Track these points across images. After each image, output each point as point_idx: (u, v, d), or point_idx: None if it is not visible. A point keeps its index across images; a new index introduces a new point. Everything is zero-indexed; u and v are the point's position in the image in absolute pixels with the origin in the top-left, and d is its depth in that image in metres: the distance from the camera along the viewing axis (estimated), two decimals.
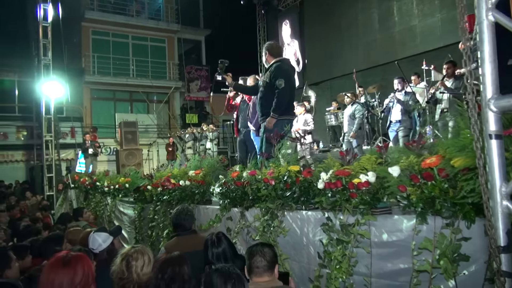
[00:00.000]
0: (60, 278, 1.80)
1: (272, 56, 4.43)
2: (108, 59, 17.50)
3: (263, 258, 2.22)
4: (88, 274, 1.88)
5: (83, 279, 1.83)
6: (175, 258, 2.28)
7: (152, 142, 16.65)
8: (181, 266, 2.22)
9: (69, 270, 1.83)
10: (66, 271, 1.82)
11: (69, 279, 1.80)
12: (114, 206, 7.10)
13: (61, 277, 1.80)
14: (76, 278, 1.81)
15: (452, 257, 1.93)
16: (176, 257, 2.29)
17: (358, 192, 2.49)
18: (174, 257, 2.28)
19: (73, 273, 1.82)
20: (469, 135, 1.75)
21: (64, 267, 1.83)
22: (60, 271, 1.82)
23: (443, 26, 10.23)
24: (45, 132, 12.08)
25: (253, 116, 5.01)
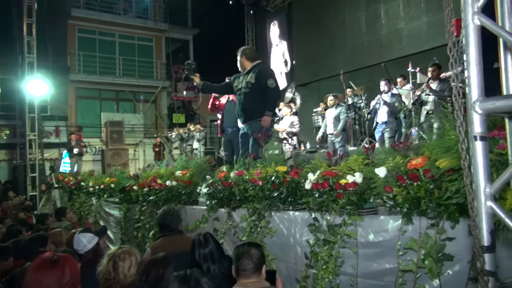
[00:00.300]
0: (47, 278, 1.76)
1: (249, 60, 4.52)
2: (94, 57, 17.28)
3: (250, 261, 2.21)
4: (75, 275, 1.85)
5: (71, 280, 1.80)
6: (159, 259, 2.25)
7: (138, 142, 16.50)
8: (166, 267, 2.20)
9: (57, 270, 1.79)
10: (54, 271, 1.78)
11: (57, 279, 1.76)
12: (99, 206, 7.01)
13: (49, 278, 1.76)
14: (64, 278, 1.78)
15: (437, 257, 1.95)
16: (160, 258, 2.27)
17: (345, 192, 2.51)
18: (158, 259, 2.25)
19: (61, 274, 1.79)
20: (454, 136, 1.78)
21: (51, 268, 1.80)
22: (47, 271, 1.78)
23: (429, 29, 10.38)
24: (29, 131, 11.88)
25: None
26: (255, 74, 4.39)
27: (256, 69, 4.44)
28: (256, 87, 4.36)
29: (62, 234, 3.63)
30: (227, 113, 5.32)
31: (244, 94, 4.44)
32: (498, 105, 1.23)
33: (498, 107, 1.23)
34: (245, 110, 4.47)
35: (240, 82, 4.54)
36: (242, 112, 4.51)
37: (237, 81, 4.60)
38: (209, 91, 5.02)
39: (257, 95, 4.35)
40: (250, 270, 2.20)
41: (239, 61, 4.58)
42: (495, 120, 1.80)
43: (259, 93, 4.35)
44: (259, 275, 2.23)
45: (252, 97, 4.38)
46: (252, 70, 4.46)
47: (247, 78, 4.44)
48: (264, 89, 4.31)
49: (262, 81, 4.32)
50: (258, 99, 4.34)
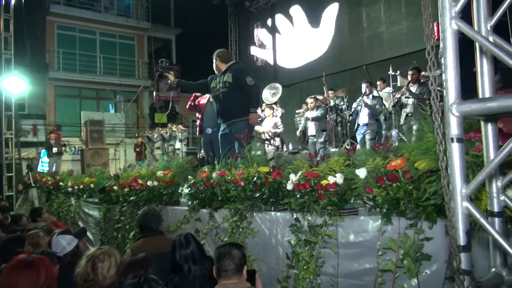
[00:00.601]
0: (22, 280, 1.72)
1: (223, 62, 4.60)
2: (74, 55, 16.96)
3: (231, 261, 2.21)
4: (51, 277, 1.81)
5: (46, 282, 1.76)
6: (139, 261, 2.23)
7: (119, 142, 16.24)
8: (146, 269, 2.18)
9: (32, 272, 1.75)
10: (28, 273, 1.75)
11: (32, 281, 1.73)
12: (79, 207, 6.88)
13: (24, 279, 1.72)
14: (39, 280, 1.74)
15: (415, 257, 1.99)
16: (140, 260, 2.24)
17: (326, 193, 2.53)
18: (138, 260, 2.23)
19: (36, 275, 1.75)
20: (433, 138, 1.82)
21: (26, 269, 1.76)
22: (22, 273, 1.75)
23: (409, 34, 10.58)
24: (5, 130, 11.55)
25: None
26: (232, 74, 4.44)
27: (232, 68, 4.51)
28: (235, 85, 4.40)
29: (39, 235, 3.54)
30: (207, 114, 5.32)
31: (223, 94, 4.47)
32: (474, 108, 1.26)
33: (474, 109, 1.27)
34: (224, 110, 4.49)
35: (217, 82, 4.56)
36: (222, 112, 4.53)
37: (214, 82, 4.63)
38: (184, 89, 5.01)
39: (236, 94, 4.40)
40: (231, 271, 2.20)
41: (215, 64, 4.65)
42: (471, 123, 1.85)
43: (238, 91, 4.39)
44: (240, 276, 2.23)
45: (231, 96, 4.41)
46: (228, 70, 4.50)
47: (224, 78, 4.48)
48: (244, 87, 4.37)
49: (241, 79, 4.38)
50: (237, 98, 4.39)
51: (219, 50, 4.74)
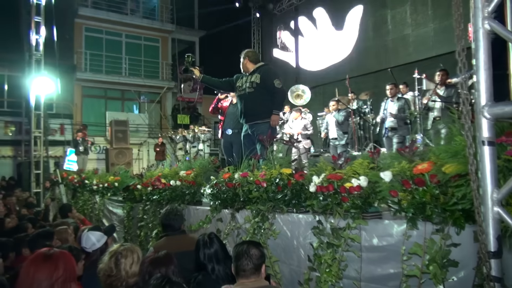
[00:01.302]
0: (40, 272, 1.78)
1: (252, 62, 4.60)
2: (101, 56, 17.38)
3: (250, 261, 2.19)
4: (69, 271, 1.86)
5: (63, 275, 1.81)
6: (161, 258, 2.24)
7: (142, 142, 16.53)
8: (168, 266, 2.20)
9: (51, 265, 1.81)
10: (47, 266, 1.81)
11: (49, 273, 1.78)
12: (103, 205, 7.04)
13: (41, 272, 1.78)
14: (56, 273, 1.79)
15: (442, 263, 1.95)
16: (162, 257, 2.26)
17: (349, 196, 2.50)
18: (160, 258, 2.24)
19: (55, 268, 1.81)
20: (462, 141, 1.78)
21: (45, 262, 1.82)
22: (40, 265, 1.81)
23: (436, 36, 10.37)
24: (34, 128, 11.91)
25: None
26: (260, 75, 4.46)
27: (261, 70, 4.52)
28: (262, 87, 4.42)
29: (67, 231, 3.64)
30: (229, 116, 5.35)
31: (249, 93, 4.48)
32: (506, 110, 1.23)
33: (507, 112, 1.23)
34: (249, 110, 4.50)
35: (243, 82, 4.57)
36: (246, 112, 4.53)
37: (240, 81, 4.63)
38: (208, 85, 5.02)
39: (262, 95, 4.42)
40: (249, 271, 2.19)
41: (242, 63, 4.65)
42: (502, 126, 1.79)
43: (264, 93, 4.42)
44: (258, 275, 2.23)
45: (257, 97, 4.43)
46: (256, 71, 4.52)
47: (252, 78, 4.49)
48: (271, 89, 4.40)
49: (268, 82, 4.40)
50: (263, 99, 4.41)
51: (249, 50, 4.75)
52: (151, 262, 2.20)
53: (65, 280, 1.84)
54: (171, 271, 2.17)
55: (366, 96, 9.17)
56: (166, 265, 2.20)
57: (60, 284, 1.79)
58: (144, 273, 2.15)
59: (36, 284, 1.76)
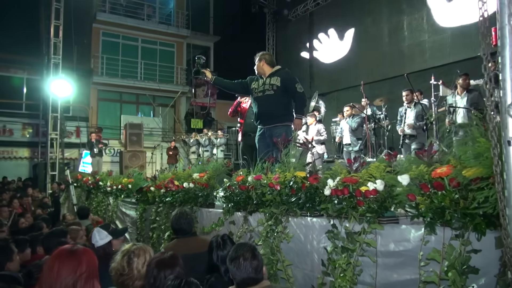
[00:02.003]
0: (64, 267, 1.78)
1: (269, 65, 4.55)
2: (117, 60, 17.62)
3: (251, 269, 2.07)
4: (92, 267, 1.86)
5: (87, 271, 1.81)
6: (166, 260, 2.19)
7: (156, 145, 16.66)
8: (173, 268, 2.15)
9: (75, 261, 1.81)
10: (70, 261, 1.80)
11: (73, 269, 1.78)
12: (116, 206, 7.08)
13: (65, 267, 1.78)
14: (80, 269, 1.79)
15: (461, 269, 1.88)
16: (168, 259, 2.20)
17: (365, 200, 2.46)
18: (165, 260, 2.19)
19: (78, 264, 1.80)
20: (484, 143, 1.73)
21: (69, 257, 1.82)
22: (65, 260, 1.81)
23: (453, 43, 10.24)
24: (51, 130, 12.14)
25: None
26: (280, 78, 4.40)
27: (280, 73, 4.47)
28: (282, 90, 4.38)
29: (80, 231, 3.66)
30: (249, 119, 5.30)
31: (268, 96, 4.42)
32: None
33: None
34: (267, 113, 4.43)
35: (260, 84, 4.51)
36: (264, 114, 4.47)
37: (256, 83, 4.56)
38: (220, 87, 4.96)
39: (282, 98, 4.38)
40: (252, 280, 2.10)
41: (258, 65, 4.59)
42: None
43: (284, 96, 4.38)
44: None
45: (276, 100, 4.38)
46: (275, 74, 4.46)
47: (271, 81, 4.43)
48: (292, 93, 4.38)
49: (290, 86, 4.38)
50: (282, 103, 4.38)
51: (265, 52, 4.70)
52: (156, 264, 2.16)
53: (88, 276, 1.84)
54: (176, 273, 2.12)
55: (381, 102, 9.07)
56: (171, 267, 2.15)
57: (84, 280, 1.79)
58: (149, 276, 2.12)
59: (60, 280, 1.76)
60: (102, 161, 12.07)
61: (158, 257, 2.24)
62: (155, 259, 2.21)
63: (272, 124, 4.40)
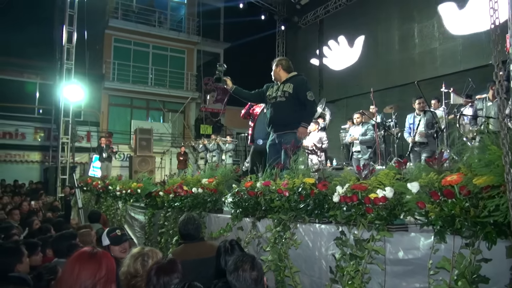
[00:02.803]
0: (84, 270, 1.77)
1: (285, 70, 4.51)
2: (128, 66, 17.82)
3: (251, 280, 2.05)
4: (111, 271, 1.85)
5: (106, 275, 1.80)
6: (164, 266, 2.16)
7: (165, 151, 16.78)
8: (171, 275, 2.12)
9: (95, 264, 1.80)
10: (91, 264, 1.79)
11: (93, 272, 1.77)
12: (125, 210, 7.13)
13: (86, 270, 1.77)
14: (100, 272, 1.78)
15: (471, 278, 1.86)
16: (165, 265, 2.17)
17: (374, 207, 2.44)
18: (163, 266, 2.16)
19: (98, 267, 1.79)
20: (496, 151, 1.71)
21: (89, 260, 1.81)
22: (85, 263, 1.80)
23: (464, 50, 10.18)
24: (62, 134, 12.28)
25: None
26: (293, 85, 4.36)
27: (294, 80, 4.43)
28: (294, 97, 4.34)
29: (90, 234, 3.69)
30: (260, 124, 5.28)
31: (279, 103, 4.40)
32: None
33: None
34: (278, 119, 4.41)
35: (274, 91, 4.49)
36: (275, 121, 4.45)
37: (271, 90, 4.55)
38: (239, 97, 4.97)
39: (293, 106, 4.33)
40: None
41: (274, 71, 4.55)
42: None
43: (296, 104, 4.34)
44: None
45: (288, 107, 4.35)
46: (290, 80, 4.43)
47: (284, 88, 4.40)
48: (303, 101, 4.32)
49: (302, 93, 4.32)
50: (293, 110, 4.33)
51: (282, 58, 4.66)
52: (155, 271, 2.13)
53: (106, 280, 1.82)
54: (174, 279, 2.09)
55: (391, 109, 9.04)
56: (169, 274, 2.11)
57: (102, 284, 1.78)
58: (149, 284, 2.10)
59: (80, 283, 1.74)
60: (111, 166, 12.16)
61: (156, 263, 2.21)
62: (154, 266, 2.19)
63: (282, 131, 4.38)
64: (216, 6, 20.57)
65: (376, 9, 13.00)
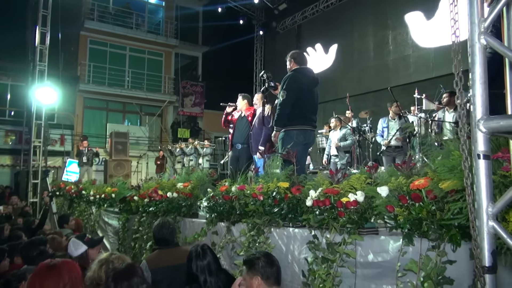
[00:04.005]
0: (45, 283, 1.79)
1: (297, 64, 4.27)
2: (104, 69, 17.51)
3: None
4: (75, 277, 1.86)
5: (70, 282, 1.81)
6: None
7: (142, 155, 16.52)
8: (130, 280, 2.05)
9: (55, 275, 1.83)
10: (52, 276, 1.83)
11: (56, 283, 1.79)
12: (99, 216, 6.98)
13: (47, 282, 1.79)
14: (62, 281, 1.80)
15: (437, 280, 1.92)
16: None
17: (346, 211, 2.48)
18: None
19: (59, 277, 1.82)
20: (458, 156, 1.77)
21: (48, 272, 1.83)
22: (45, 276, 1.82)
23: (436, 58, 10.48)
24: (34, 138, 11.93)
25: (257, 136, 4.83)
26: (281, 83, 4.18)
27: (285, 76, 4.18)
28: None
29: (58, 238, 3.60)
30: (238, 129, 5.27)
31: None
32: (502, 124, 1.23)
33: (503, 126, 1.23)
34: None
35: None
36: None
37: None
38: None
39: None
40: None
41: (289, 66, 4.37)
42: (499, 143, 1.79)
43: None
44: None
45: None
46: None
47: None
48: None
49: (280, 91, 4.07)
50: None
51: (294, 51, 4.37)
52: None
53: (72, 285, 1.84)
54: (134, 284, 2.03)
55: (366, 114, 9.20)
56: (128, 279, 2.05)
57: None
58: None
59: None
60: (92, 170, 11.88)
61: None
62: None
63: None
64: (195, 9, 20.50)
65: (352, 16, 13.25)
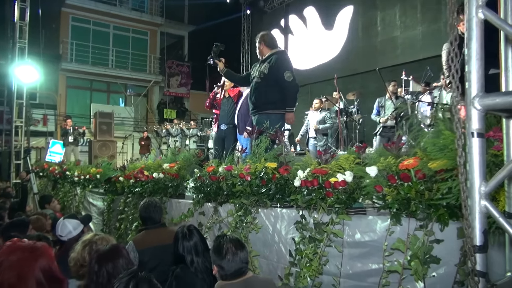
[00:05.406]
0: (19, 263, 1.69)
1: (268, 47, 4.16)
2: (87, 47, 17.06)
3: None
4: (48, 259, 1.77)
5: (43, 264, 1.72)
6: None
7: (127, 135, 16.30)
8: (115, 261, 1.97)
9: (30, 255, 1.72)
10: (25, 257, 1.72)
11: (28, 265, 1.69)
12: (83, 197, 6.89)
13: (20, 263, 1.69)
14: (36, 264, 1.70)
15: (423, 259, 1.92)
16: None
17: (334, 191, 2.47)
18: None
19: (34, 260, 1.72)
20: (450, 135, 1.75)
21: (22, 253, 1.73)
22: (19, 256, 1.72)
23: (424, 39, 10.47)
24: (16, 117, 11.63)
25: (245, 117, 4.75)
26: (270, 64, 4.02)
27: (272, 58, 4.06)
28: (269, 79, 4.01)
29: (42, 219, 3.53)
30: (223, 110, 5.19)
31: (256, 84, 4.11)
32: (498, 101, 1.20)
33: (498, 103, 1.20)
34: (254, 101, 4.14)
35: (255, 71, 4.22)
36: (251, 103, 4.20)
37: (253, 70, 4.29)
38: (229, 80, 4.73)
39: (268, 87, 4.02)
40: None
41: (258, 48, 4.24)
42: (489, 123, 1.78)
43: (271, 85, 4.01)
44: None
45: (262, 89, 4.05)
46: (268, 59, 4.09)
47: (261, 68, 4.09)
48: (281, 82, 3.96)
49: (278, 74, 3.96)
50: (269, 91, 4.02)
51: (264, 33, 4.25)
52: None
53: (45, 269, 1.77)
54: (120, 266, 1.96)
55: (353, 96, 9.18)
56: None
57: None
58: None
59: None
60: (78, 151, 11.69)
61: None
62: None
63: (257, 112, 4.10)
64: None
65: None
